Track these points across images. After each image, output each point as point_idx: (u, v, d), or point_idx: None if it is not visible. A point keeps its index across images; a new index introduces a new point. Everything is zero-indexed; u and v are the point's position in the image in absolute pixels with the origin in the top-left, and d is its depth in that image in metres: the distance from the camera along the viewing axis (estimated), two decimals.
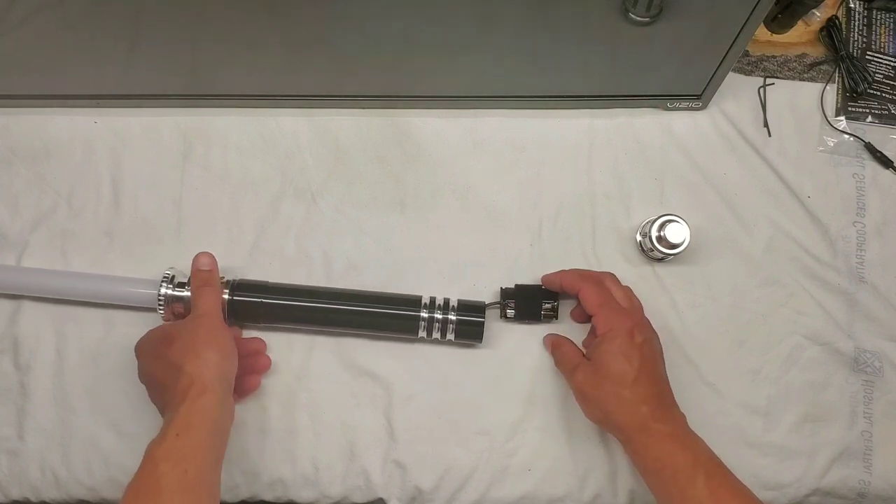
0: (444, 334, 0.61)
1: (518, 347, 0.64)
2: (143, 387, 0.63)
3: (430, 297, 0.62)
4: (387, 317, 0.62)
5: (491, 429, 0.63)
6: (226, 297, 0.61)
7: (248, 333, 0.64)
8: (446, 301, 0.62)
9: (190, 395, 0.52)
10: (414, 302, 0.62)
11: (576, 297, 0.61)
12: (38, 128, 0.68)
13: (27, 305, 0.65)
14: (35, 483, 0.62)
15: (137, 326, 0.64)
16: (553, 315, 0.64)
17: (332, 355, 0.64)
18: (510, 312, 0.63)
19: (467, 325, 0.61)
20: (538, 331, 0.64)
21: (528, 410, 0.63)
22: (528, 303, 0.63)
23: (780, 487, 0.62)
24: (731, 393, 0.64)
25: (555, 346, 0.62)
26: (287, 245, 0.66)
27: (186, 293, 0.61)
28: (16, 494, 0.62)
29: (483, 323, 0.61)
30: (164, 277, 0.61)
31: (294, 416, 0.63)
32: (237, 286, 0.62)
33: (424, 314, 0.61)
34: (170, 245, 0.65)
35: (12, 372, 0.64)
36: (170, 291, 0.61)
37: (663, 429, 0.54)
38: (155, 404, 0.57)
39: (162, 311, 0.61)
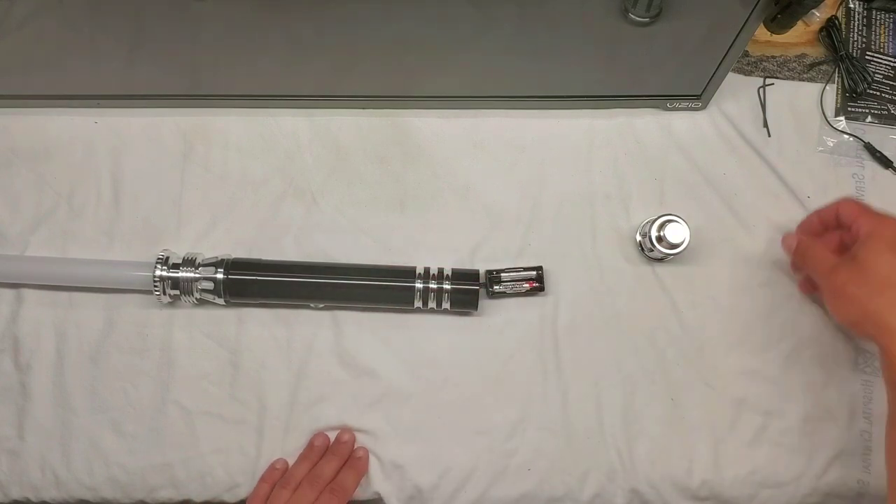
0: (439, 303, 0.62)
1: (518, 343, 0.64)
2: (142, 386, 0.63)
3: (425, 268, 0.63)
4: (383, 288, 0.62)
5: (491, 429, 0.63)
6: (220, 275, 0.61)
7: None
8: (440, 270, 0.62)
9: None
10: (409, 272, 0.62)
11: (835, 224, 0.59)
12: (38, 128, 0.69)
13: (28, 305, 0.65)
14: (35, 483, 0.62)
15: (138, 326, 0.64)
16: (540, 288, 0.63)
17: (332, 355, 0.64)
18: (497, 288, 0.63)
19: (462, 293, 0.62)
20: (534, 328, 0.64)
21: (528, 410, 0.63)
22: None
23: (778, 486, 0.62)
24: (730, 393, 0.64)
25: (803, 248, 0.58)
26: (287, 245, 0.66)
27: (180, 274, 0.61)
28: (16, 494, 0.62)
29: (478, 290, 0.62)
30: (159, 259, 0.62)
31: (294, 415, 0.63)
32: (232, 265, 0.62)
33: (419, 284, 0.61)
34: (170, 245, 0.65)
35: (12, 371, 0.64)
36: (164, 273, 0.61)
37: None
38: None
39: (158, 293, 0.61)
